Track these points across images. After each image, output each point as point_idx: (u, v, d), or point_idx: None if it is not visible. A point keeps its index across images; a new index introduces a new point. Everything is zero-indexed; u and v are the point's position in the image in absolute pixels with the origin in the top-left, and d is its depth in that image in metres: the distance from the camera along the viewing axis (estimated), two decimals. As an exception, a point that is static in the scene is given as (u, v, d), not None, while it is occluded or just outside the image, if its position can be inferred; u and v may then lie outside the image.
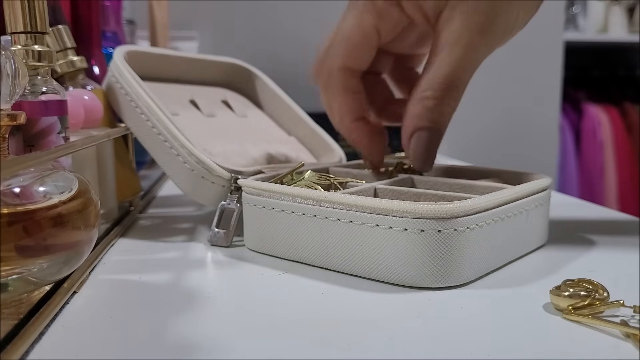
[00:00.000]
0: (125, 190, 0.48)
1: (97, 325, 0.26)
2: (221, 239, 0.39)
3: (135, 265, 0.36)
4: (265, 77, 0.59)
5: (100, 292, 0.31)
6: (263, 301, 0.29)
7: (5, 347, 0.22)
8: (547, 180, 0.39)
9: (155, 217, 0.50)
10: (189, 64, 0.55)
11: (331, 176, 0.40)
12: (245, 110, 0.57)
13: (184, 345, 0.24)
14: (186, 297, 0.30)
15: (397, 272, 0.31)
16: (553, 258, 0.37)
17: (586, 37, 1.85)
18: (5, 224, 0.24)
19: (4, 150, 0.28)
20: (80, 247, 0.28)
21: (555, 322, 0.26)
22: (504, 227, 0.33)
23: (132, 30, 0.84)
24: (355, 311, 0.28)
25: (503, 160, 1.15)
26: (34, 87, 0.33)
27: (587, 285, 0.28)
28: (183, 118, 0.48)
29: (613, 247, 0.39)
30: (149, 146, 0.43)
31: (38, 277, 0.26)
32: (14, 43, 0.32)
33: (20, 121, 0.28)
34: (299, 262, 0.35)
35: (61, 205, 0.27)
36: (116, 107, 0.45)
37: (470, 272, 0.31)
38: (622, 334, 0.25)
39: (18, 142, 0.33)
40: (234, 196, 0.40)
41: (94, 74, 0.52)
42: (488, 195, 0.33)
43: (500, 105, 1.14)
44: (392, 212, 0.30)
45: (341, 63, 0.40)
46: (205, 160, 0.41)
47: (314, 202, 0.33)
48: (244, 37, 1.08)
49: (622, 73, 1.99)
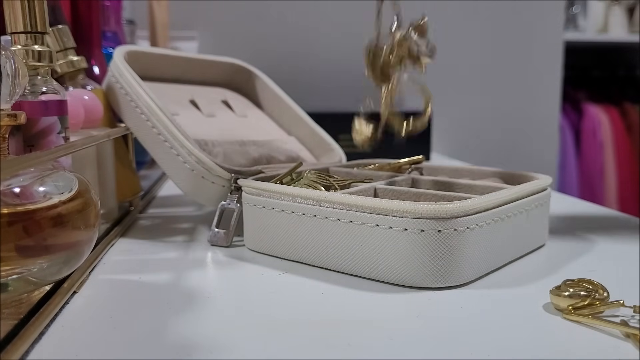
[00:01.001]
0: (125, 190, 0.48)
1: (97, 325, 0.26)
2: (221, 239, 0.39)
3: (135, 265, 0.36)
4: (265, 77, 0.59)
5: (100, 292, 0.31)
6: (263, 301, 0.29)
7: (5, 347, 0.22)
8: (547, 180, 0.39)
9: (155, 217, 0.50)
10: (189, 64, 0.55)
11: (331, 176, 0.40)
12: (245, 110, 0.57)
13: (184, 345, 0.24)
14: (186, 297, 0.30)
15: (397, 272, 0.31)
16: (553, 258, 0.37)
17: (586, 37, 1.85)
18: (5, 224, 0.24)
19: (4, 150, 0.28)
20: (80, 247, 0.28)
21: (555, 322, 0.26)
22: (504, 227, 0.33)
23: (132, 30, 0.84)
24: (355, 311, 0.28)
25: (503, 160, 1.15)
26: (34, 87, 0.33)
27: (587, 285, 0.28)
28: (183, 118, 0.48)
29: (613, 247, 0.39)
30: (149, 146, 0.43)
31: (38, 277, 0.26)
32: (14, 43, 0.32)
33: (20, 121, 0.28)
34: (299, 262, 0.35)
35: (61, 205, 0.27)
36: (116, 107, 0.45)
37: (470, 272, 0.31)
38: (622, 334, 0.25)
39: (18, 142, 0.33)
40: (234, 196, 0.40)
41: (94, 74, 0.52)
42: (488, 195, 0.33)
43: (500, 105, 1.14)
44: (392, 212, 0.30)
45: None
46: (205, 160, 0.41)
47: (314, 202, 0.33)
48: (244, 37, 1.08)
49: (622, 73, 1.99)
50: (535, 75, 1.17)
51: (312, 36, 1.09)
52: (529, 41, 1.15)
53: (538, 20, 1.15)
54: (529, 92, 1.17)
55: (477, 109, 1.14)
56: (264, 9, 1.08)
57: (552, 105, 1.20)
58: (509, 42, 1.14)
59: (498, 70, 1.15)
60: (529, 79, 1.17)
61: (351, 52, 1.08)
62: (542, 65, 1.17)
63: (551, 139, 1.20)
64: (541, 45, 1.16)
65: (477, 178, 0.43)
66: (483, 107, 1.15)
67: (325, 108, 0.92)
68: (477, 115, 1.14)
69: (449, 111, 1.11)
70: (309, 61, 1.09)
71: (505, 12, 1.13)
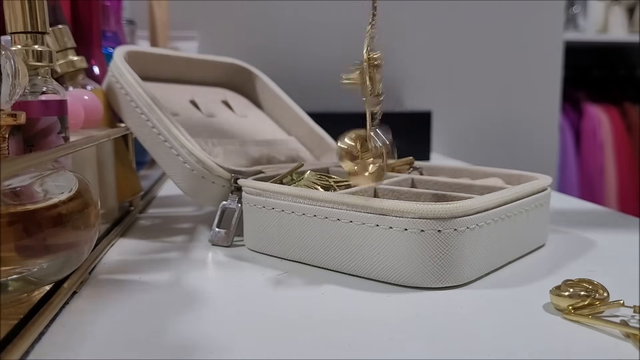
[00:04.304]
0: (125, 190, 0.48)
1: (97, 325, 0.26)
2: (222, 238, 0.39)
3: (135, 265, 0.36)
4: (265, 77, 0.59)
5: (100, 292, 0.31)
6: (263, 301, 0.29)
7: (5, 347, 0.22)
8: (547, 180, 0.39)
9: (155, 217, 0.49)
10: (189, 64, 0.55)
11: (331, 176, 0.40)
12: (245, 110, 0.57)
13: (184, 345, 0.24)
14: (186, 297, 0.30)
15: (397, 272, 0.31)
16: (553, 258, 0.37)
17: (586, 37, 1.85)
18: (5, 224, 0.24)
19: (4, 150, 0.28)
20: (80, 247, 0.28)
21: (555, 322, 0.26)
22: (504, 227, 0.33)
23: (132, 30, 0.84)
24: (355, 311, 0.28)
25: (503, 160, 1.15)
26: (34, 87, 0.33)
27: (587, 285, 0.28)
28: (183, 118, 0.48)
29: (613, 247, 0.39)
30: (149, 146, 0.43)
31: (38, 277, 0.26)
32: (14, 43, 0.32)
33: (20, 121, 0.28)
34: (299, 262, 0.35)
35: (61, 205, 0.27)
36: (116, 107, 0.45)
37: (470, 272, 0.31)
38: (622, 334, 0.25)
39: (18, 142, 0.33)
40: (235, 196, 0.40)
41: (94, 74, 0.52)
42: (488, 195, 0.33)
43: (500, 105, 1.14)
44: (392, 212, 0.30)
45: None
46: (206, 160, 0.41)
47: (314, 202, 0.33)
48: (244, 37, 1.08)
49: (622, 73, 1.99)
50: (536, 75, 1.17)
51: (313, 36, 1.09)
52: (529, 41, 1.15)
53: (538, 20, 1.15)
54: (529, 92, 1.17)
55: (477, 109, 1.14)
56: (264, 9, 1.08)
57: (552, 105, 1.20)
58: (509, 42, 1.14)
59: (498, 70, 1.15)
60: (529, 79, 1.17)
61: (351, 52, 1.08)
62: (542, 65, 1.17)
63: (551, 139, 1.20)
64: (541, 45, 1.16)
65: (477, 178, 0.43)
66: (483, 107, 1.15)
67: (325, 108, 0.92)
68: (477, 115, 1.14)
69: (449, 111, 1.11)
70: (309, 61, 1.09)
71: (506, 12, 1.13)
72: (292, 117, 0.57)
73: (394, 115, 0.88)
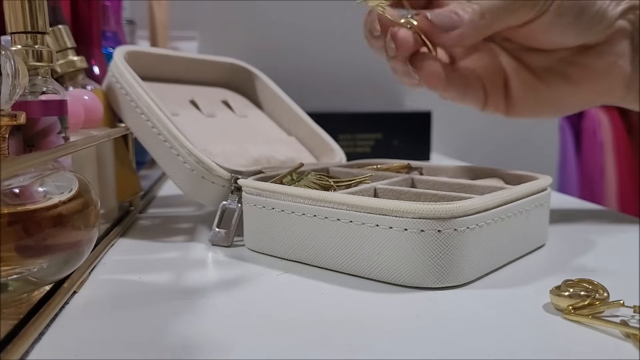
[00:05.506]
0: (125, 190, 0.48)
1: (97, 325, 0.26)
2: (222, 239, 0.39)
3: (135, 265, 0.36)
4: (265, 77, 0.59)
5: (100, 292, 0.31)
6: (263, 301, 0.29)
7: (5, 347, 0.22)
8: (547, 180, 0.39)
9: (155, 217, 0.50)
10: (189, 64, 0.55)
11: (331, 176, 0.40)
12: (245, 110, 0.57)
13: (184, 345, 0.24)
14: (186, 297, 0.30)
15: (397, 272, 0.31)
16: (553, 258, 0.37)
17: (586, 37, 1.85)
18: (5, 224, 0.24)
19: (4, 150, 0.28)
20: (80, 247, 0.28)
21: (555, 322, 0.26)
22: (504, 227, 0.33)
23: (132, 30, 0.84)
24: (355, 311, 0.28)
25: (503, 160, 1.15)
26: (34, 87, 0.33)
27: (587, 285, 0.28)
28: (183, 118, 0.48)
29: (613, 247, 0.39)
30: (149, 146, 0.43)
31: (38, 277, 0.26)
32: (14, 43, 0.32)
33: (20, 121, 0.28)
34: (299, 262, 0.35)
35: (61, 205, 0.27)
36: (116, 107, 0.45)
37: (470, 272, 0.31)
38: (622, 334, 0.25)
39: (18, 142, 0.33)
40: (235, 196, 0.40)
41: (94, 74, 0.52)
42: (488, 195, 0.33)
43: (500, 105, 1.14)
44: (392, 212, 0.30)
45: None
46: (205, 160, 0.41)
47: (314, 202, 0.33)
48: (244, 37, 1.08)
49: (622, 73, 1.99)
50: (535, 75, 1.17)
51: (312, 36, 1.09)
52: (529, 41, 1.15)
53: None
54: (529, 92, 1.17)
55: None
56: (264, 9, 1.08)
57: (552, 105, 1.20)
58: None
59: (498, 70, 1.14)
60: (529, 79, 1.17)
61: (351, 52, 1.08)
62: (542, 65, 1.17)
63: (551, 139, 1.20)
64: (541, 45, 1.16)
65: (477, 178, 0.43)
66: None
67: (325, 108, 0.92)
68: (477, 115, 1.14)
69: (449, 111, 1.11)
70: (309, 61, 1.09)
71: (505, 12, 1.12)
72: (292, 117, 0.57)
73: (394, 115, 0.88)
